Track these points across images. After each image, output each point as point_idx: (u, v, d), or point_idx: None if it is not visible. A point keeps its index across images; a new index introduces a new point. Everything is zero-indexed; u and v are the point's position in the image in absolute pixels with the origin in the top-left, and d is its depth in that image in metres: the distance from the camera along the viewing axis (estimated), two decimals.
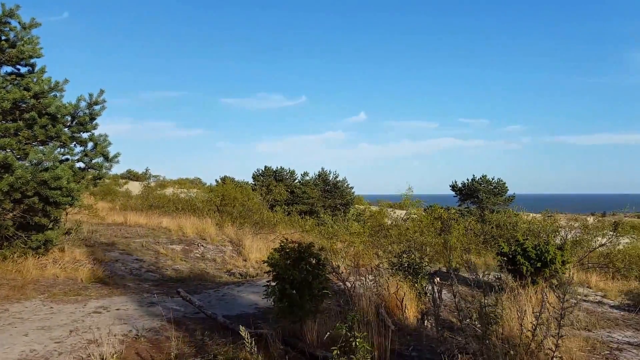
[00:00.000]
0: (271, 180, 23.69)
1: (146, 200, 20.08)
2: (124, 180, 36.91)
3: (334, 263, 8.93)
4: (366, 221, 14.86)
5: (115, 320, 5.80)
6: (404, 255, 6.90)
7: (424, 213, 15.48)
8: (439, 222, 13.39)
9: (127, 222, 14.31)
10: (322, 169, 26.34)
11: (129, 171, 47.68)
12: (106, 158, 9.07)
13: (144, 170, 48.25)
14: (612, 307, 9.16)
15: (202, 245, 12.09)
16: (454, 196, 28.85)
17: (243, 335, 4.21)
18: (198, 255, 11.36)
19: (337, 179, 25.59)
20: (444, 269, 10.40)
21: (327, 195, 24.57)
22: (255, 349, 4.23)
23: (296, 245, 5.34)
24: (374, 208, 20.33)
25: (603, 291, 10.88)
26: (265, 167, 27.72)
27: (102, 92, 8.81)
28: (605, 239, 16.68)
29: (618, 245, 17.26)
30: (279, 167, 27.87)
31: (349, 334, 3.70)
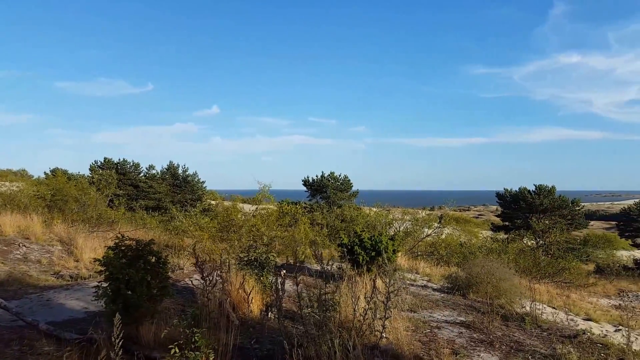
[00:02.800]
0: (111, 173, 21.84)
1: None
2: None
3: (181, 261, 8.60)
4: (217, 216, 14.60)
5: None
6: (251, 250, 6.95)
7: (274, 207, 15.77)
8: (288, 217, 13.76)
9: None
10: (171, 162, 25.13)
11: None
12: None
13: None
14: (434, 290, 10.38)
15: (25, 245, 10.65)
16: (305, 191, 29.91)
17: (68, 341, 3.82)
18: (19, 256, 9.97)
19: (187, 173, 24.62)
20: (292, 262, 10.71)
21: (177, 190, 23.49)
22: (84, 356, 3.87)
23: (134, 242, 5.02)
24: (226, 203, 20.09)
25: (428, 276, 12.28)
26: (105, 158, 25.44)
27: None
28: (431, 230, 18.93)
29: (442, 235, 19.76)
30: (121, 159, 25.84)
31: (187, 331, 3.59)
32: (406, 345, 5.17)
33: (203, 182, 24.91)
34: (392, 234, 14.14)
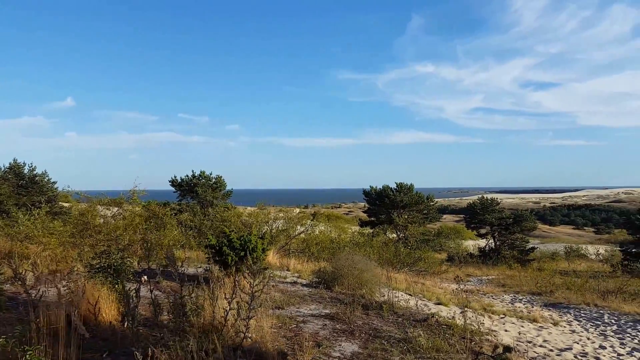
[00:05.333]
0: None
1: None
2: None
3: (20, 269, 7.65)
4: (70, 220, 13.26)
5: None
6: (104, 256, 6.43)
7: (140, 209, 14.84)
8: (155, 219, 13.04)
9: None
10: (15, 160, 22.15)
11: None
12: None
13: None
14: (303, 285, 10.64)
15: None
16: (174, 192, 28.57)
17: None
18: None
19: (35, 173, 21.93)
20: (155, 266, 10.18)
21: (22, 192, 20.80)
22: None
23: None
24: (82, 205, 18.38)
25: (299, 272, 12.55)
26: None
27: None
28: (303, 228, 19.38)
29: (315, 232, 20.37)
30: None
31: (17, 350, 3.19)
32: (270, 343, 5.21)
33: (54, 182, 22.44)
34: (264, 232, 14.17)
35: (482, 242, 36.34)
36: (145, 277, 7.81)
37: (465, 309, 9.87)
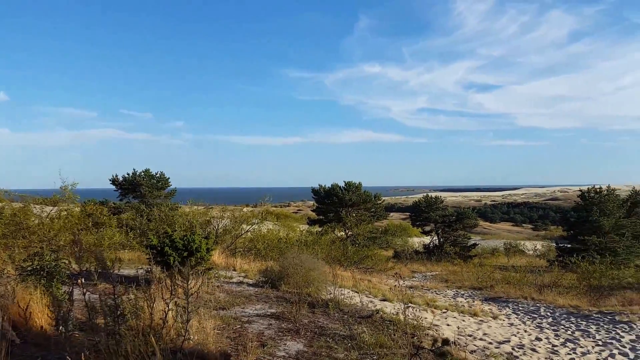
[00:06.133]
0: None
1: None
2: None
3: None
4: (1, 220, 12.49)
5: None
6: (37, 258, 6.10)
7: (77, 209, 14.19)
8: (92, 218, 12.53)
9: None
10: None
11: None
12: None
13: None
14: (250, 285, 10.55)
15: None
16: (115, 190, 27.51)
17: None
18: None
19: None
20: (94, 268, 9.77)
21: None
22: None
23: None
24: (16, 205, 17.33)
25: (245, 272, 12.42)
26: None
27: None
28: (249, 227, 19.17)
29: (263, 230, 20.19)
30: None
31: None
32: (213, 344, 5.14)
33: None
34: (208, 232, 13.93)
35: (426, 239, 37.36)
36: (82, 279, 7.49)
37: (409, 304, 10.15)
